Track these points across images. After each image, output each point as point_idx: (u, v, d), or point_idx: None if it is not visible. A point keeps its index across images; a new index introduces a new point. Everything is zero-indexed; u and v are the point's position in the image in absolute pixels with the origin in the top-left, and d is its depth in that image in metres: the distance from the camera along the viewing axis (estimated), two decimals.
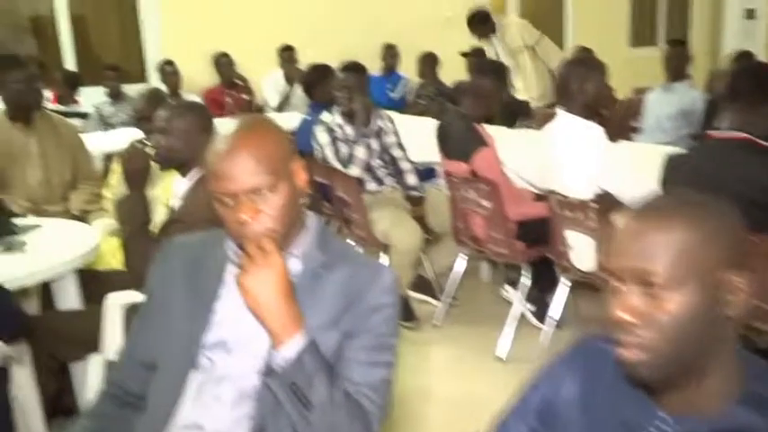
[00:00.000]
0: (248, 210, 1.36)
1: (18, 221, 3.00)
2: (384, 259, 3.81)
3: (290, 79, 6.72)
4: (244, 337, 1.48)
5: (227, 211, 1.39)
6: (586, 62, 3.29)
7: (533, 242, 3.44)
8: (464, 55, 6.57)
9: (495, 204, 3.35)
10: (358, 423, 1.40)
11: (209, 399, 1.47)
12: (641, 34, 9.65)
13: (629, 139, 4.23)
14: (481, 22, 5.95)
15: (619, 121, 4.39)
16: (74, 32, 6.87)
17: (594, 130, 3.03)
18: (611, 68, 3.24)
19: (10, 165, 3.61)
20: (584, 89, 3.04)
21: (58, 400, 2.76)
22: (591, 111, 3.06)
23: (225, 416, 1.46)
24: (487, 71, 3.70)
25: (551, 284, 3.61)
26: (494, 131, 3.65)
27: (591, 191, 2.99)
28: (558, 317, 3.48)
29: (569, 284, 3.40)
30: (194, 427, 1.46)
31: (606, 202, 2.96)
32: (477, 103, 3.68)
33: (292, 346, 1.35)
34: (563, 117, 3.13)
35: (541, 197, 3.50)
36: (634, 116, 5.12)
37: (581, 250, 3.13)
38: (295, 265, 1.48)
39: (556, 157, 3.14)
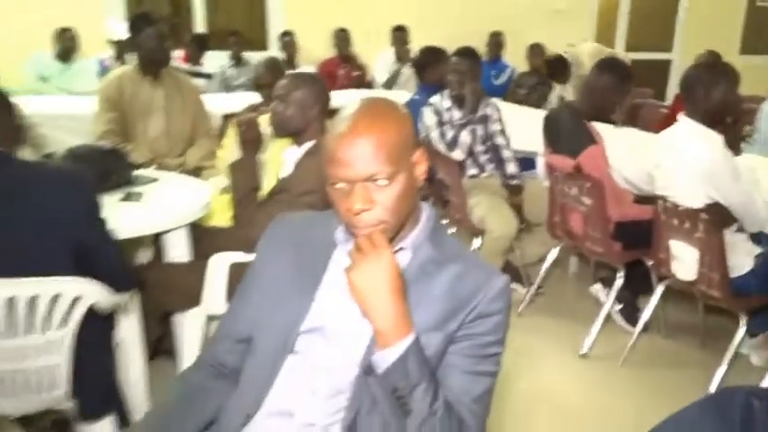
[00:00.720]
0: (362, 199, 1.16)
1: (138, 173, 2.93)
2: (476, 243, 3.57)
3: (400, 58, 6.50)
4: (344, 327, 1.29)
5: (340, 197, 1.19)
6: (716, 68, 2.89)
7: (629, 244, 3.12)
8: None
9: (597, 203, 3.04)
10: None
11: (303, 388, 1.29)
12: (754, 42, 8.80)
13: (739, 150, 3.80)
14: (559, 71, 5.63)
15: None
16: None
17: (713, 139, 2.67)
18: None
19: (135, 116, 3.55)
20: (710, 96, 2.67)
21: (159, 344, 2.70)
22: (715, 118, 2.69)
23: (317, 407, 1.27)
24: (606, 69, 3.34)
25: (643, 287, 3.31)
26: (601, 129, 3.31)
27: (702, 200, 2.64)
28: (646, 320, 3.16)
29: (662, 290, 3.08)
30: (285, 413, 1.28)
31: (717, 214, 2.62)
32: (590, 100, 3.34)
33: (398, 349, 1.15)
34: (683, 122, 2.77)
35: (642, 199, 3.17)
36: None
37: (684, 260, 2.79)
38: (404, 260, 1.27)
39: (669, 162, 2.79)
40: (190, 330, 2.51)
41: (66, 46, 5.58)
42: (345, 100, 1.37)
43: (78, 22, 5.65)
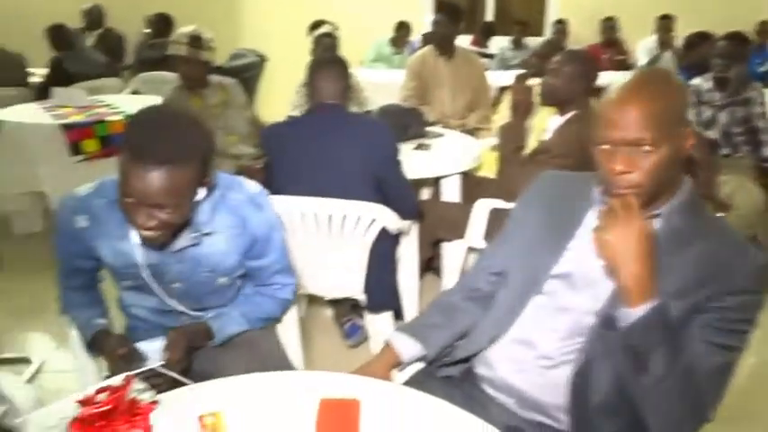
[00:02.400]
0: (624, 161, 0.99)
1: (429, 129, 2.94)
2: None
3: (663, 45, 5.65)
4: (590, 276, 1.12)
5: (605, 157, 1.02)
6: None
7: None
8: None
9: None
10: (687, 405, 0.98)
11: (546, 324, 1.16)
12: None
13: None
14: None
15: None
16: None
17: None
18: None
19: (431, 85, 3.58)
20: None
21: (429, 263, 2.74)
22: None
23: (556, 343, 1.14)
24: None
25: None
26: None
27: None
28: None
29: None
30: (526, 343, 1.17)
31: None
32: None
33: (640, 310, 0.96)
34: None
35: None
36: None
37: None
38: (656, 226, 1.06)
39: None
40: (453, 256, 2.50)
41: (400, 35, 5.66)
42: (608, 79, 1.17)
43: (409, 16, 5.84)
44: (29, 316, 2.58)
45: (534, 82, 2.42)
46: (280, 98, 4.55)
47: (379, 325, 2.16)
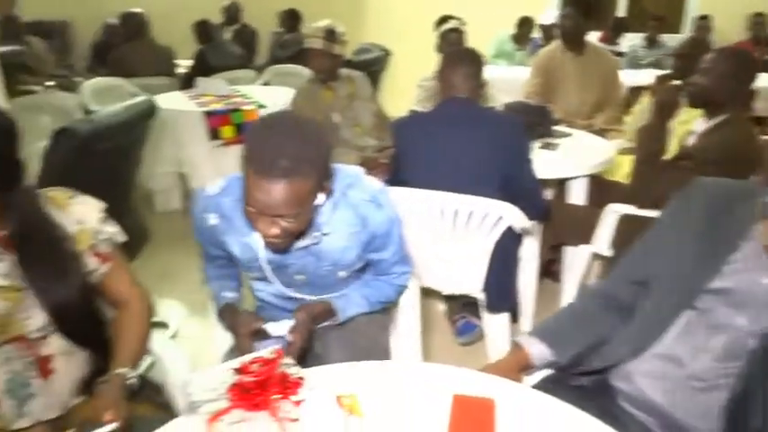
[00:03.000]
0: None
1: (555, 128, 2.83)
2: None
3: None
4: (753, 294, 1.01)
5: None
6: None
7: None
8: None
9: None
10: None
11: (698, 342, 1.06)
12: None
13: None
14: None
15: None
16: None
17: None
18: None
19: (557, 82, 3.44)
20: None
21: (548, 267, 2.64)
22: None
23: (709, 363, 1.05)
24: None
25: None
26: None
27: None
28: None
29: None
30: (674, 360, 1.09)
31: None
32: None
33: None
34: None
35: None
36: None
37: None
38: None
39: None
40: (576, 262, 2.38)
41: (522, 32, 5.51)
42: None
43: (532, 11, 5.68)
44: (167, 285, 2.80)
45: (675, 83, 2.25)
46: (402, 93, 4.60)
47: (496, 325, 2.12)
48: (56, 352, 1.15)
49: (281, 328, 1.26)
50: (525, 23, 5.50)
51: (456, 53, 2.03)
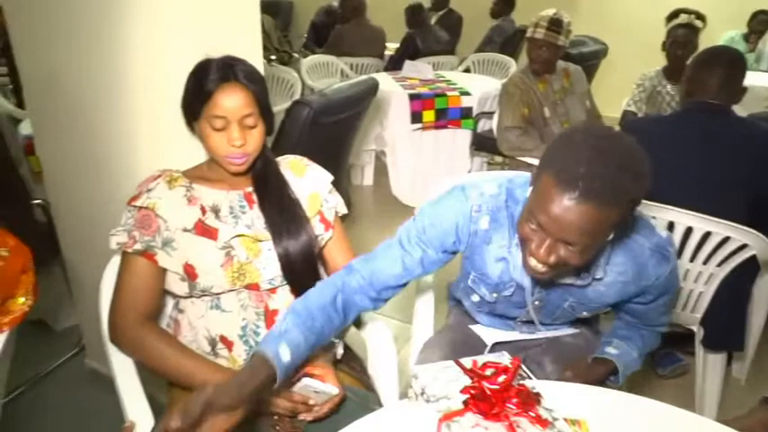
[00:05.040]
0: None
1: None
2: None
3: None
4: None
5: None
6: None
7: None
8: None
9: None
10: None
11: None
12: None
13: None
14: None
15: None
16: None
17: None
18: None
19: None
20: None
21: None
22: None
23: None
24: None
25: None
26: None
27: None
28: None
29: None
30: None
31: None
32: None
33: None
34: None
35: None
36: None
37: None
38: None
39: None
40: None
41: (756, 29, 4.80)
42: None
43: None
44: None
45: None
46: (613, 90, 4.26)
47: (710, 364, 1.85)
48: (281, 307, 1.23)
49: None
50: (755, 18, 4.72)
51: (714, 53, 1.76)
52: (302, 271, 1.21)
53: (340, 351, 1.29)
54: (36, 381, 1.96)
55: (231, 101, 1.11)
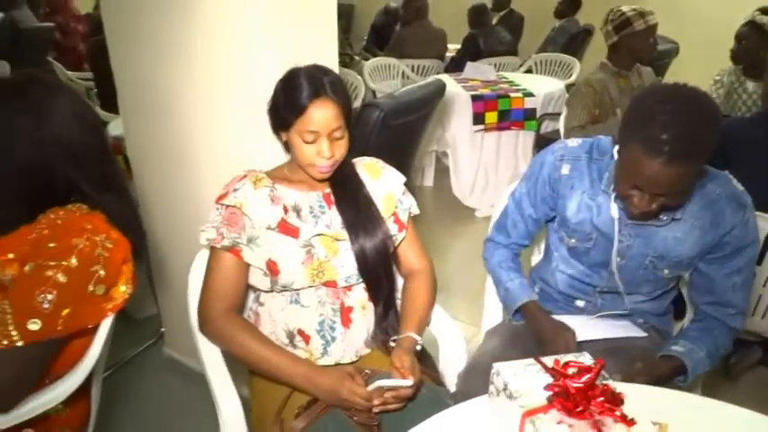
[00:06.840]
0: None
1: None
2: None
3: None
4: None
5: None
6: None
7: None
8: None
9: None
10: None
11: None
12: None
13: None
14: None
15: None
16: None
17: None
18: None
19: None
20: None
21: None
22: None
23: None
24: None
25: None
26: None
27: None
28: None
29: None
30: None
31: None
32: None
33: None
34: None
35: None
36: None
37: None
38: None
39: None
40: None
41: None
42: None
43: None
44: None
45: None
46: None
47: None
48: (356, 305, 1.26)
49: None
50: None
51: None
52: (377, 269, 1.25)
53: (421, 342, 1.31)
54: (119, 366, 2.10)
55: (322, 117, 1.14)
